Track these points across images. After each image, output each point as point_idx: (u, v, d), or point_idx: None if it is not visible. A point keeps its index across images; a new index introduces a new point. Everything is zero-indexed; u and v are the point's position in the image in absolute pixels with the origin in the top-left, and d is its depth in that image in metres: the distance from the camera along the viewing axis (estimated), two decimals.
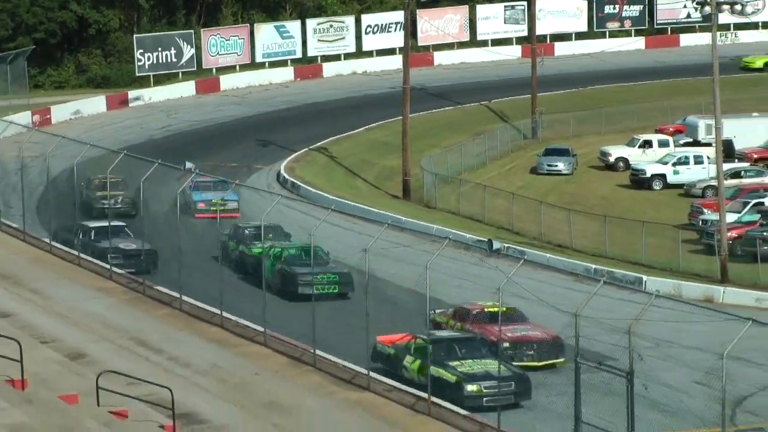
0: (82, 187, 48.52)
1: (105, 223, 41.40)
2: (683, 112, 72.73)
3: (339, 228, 45.84)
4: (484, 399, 24.94)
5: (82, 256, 41.37)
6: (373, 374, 29.55)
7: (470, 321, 32.50)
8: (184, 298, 37.27)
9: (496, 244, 49.57)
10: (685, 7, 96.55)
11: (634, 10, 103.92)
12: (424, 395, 26.61)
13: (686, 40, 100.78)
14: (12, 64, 75.90)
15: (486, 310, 32.73)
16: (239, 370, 30.83)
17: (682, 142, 68.26)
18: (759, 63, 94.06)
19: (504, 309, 29.83)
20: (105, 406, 25.04)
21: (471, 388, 25.29)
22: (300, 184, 62.09)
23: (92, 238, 41.28)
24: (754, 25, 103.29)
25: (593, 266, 46.37)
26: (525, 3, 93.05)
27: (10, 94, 73.75)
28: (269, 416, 27.24)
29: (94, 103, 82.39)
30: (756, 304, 41.25)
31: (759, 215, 52.41)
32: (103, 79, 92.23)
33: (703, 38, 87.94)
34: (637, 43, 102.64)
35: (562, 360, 29.51)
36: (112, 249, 38.94)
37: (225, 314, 34.54)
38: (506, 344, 29.42)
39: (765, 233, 49.60)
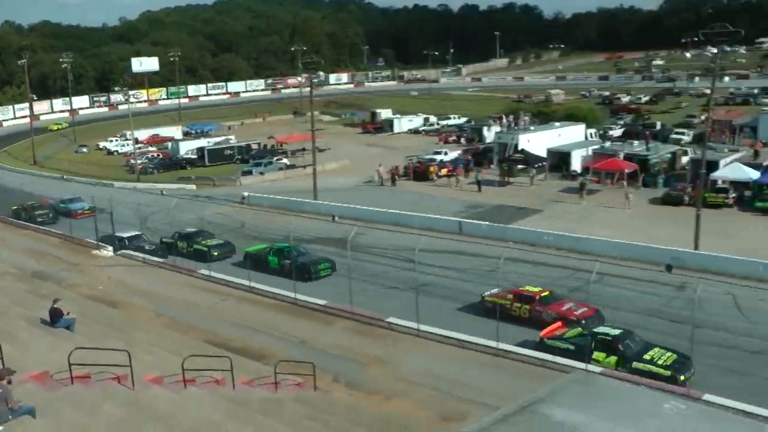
0: (21, 208, 39.13)
1: (133, 233, 31.52)
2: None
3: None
4: (686, 381, 16.67)
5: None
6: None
7: (537, 303, 20.87)
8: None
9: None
10: None
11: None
12: None
13: None
14: None
15: (543, 295, 21.25)
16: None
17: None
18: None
19: (547, 293, 21.48)
20: None
21: (682, 377, 16.76)
22: None
23: (127, 244, 30.48)
24: None
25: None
26: None
27: None
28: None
29: None
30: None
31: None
32: None
33: None
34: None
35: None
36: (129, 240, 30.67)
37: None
38: (583, 321, 19.75)
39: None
